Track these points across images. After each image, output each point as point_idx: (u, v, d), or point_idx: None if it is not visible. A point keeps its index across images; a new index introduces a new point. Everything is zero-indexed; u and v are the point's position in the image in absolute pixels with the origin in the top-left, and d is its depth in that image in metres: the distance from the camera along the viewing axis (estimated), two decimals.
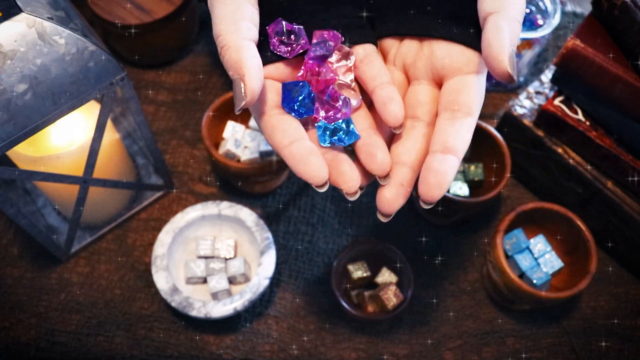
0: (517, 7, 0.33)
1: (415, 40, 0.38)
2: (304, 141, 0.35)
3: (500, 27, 0.32)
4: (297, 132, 0.35)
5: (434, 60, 0.36)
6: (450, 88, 0.36)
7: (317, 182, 0.33)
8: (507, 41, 0.32)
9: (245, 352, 0.59)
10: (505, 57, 0.31)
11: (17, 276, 0.62)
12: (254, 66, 0.34)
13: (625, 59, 0.53)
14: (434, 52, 0.37)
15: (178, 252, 0.61)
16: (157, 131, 0.71)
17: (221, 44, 0.34)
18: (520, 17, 0.33)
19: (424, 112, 0.37)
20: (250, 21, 0.35)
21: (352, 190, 0.34)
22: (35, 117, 0.45)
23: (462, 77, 0.35)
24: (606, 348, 0.59)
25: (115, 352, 0.59)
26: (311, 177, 0.33)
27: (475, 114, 0.34)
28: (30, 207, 0.65)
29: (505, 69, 0.31)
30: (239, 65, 0.33)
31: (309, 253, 0.64)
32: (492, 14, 0.33)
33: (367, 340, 0.60)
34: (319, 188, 0.33)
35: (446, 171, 0.33)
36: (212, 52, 0.77)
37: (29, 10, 0.43)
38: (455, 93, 0.35)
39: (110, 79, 0.48)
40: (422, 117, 0.37)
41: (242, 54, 0.33)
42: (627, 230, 0.60)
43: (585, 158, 0.60)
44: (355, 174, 0.35)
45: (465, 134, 0.34)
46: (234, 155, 0.62)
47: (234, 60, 0.34)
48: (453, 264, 0.64)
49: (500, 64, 0.31)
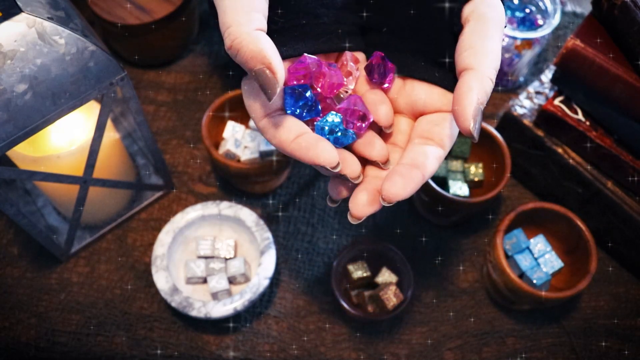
0: (491, 65, 0.35)
1: (399, 78, 0.40)
2: (309, 134, 0.35)
3: (471, 87, 0.34)
4: (301, 128, 0.35)
5: (415, 99, 0.39)
6: (426, 120, 0.38)
7: (332, 163, 0.34)
8: (474, 102, 0.33)
9: (245, 352, 0.59)
10: (469, 117, 0.33)
11: (17, 276, 0.62)
12: (276, 54, 0.33)
13: (625, 59, 0.53)
14: (415, 91, 0.39)
15: (178, 252, 0.61)
16: (157, 131, 0.71)
17: (233, 36, 0.33)
18: (493, 74, 0.35)
19: (402, 140, 0.39)
20: (261, 13, 0.34)
21: (356, 174, 0.36)
22: (35, 117, 0.45)
23: (439, 114, 0.38)
24: (606, 348, 0.59)
25: (115, 352, 0.59)
26: (325, 159, 0.34)
27: (446, 148, 0.37)
28: (30, 207, 0.65)
29: (468, 127, 0.33)
30: (262, 55, 0.32)
31: (309, 253, 0.64)
32: (466, 70, 0.35)
33: (367, 340, 0.60)
34: (333, 169, 0.34)
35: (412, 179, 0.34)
36: (212, 52, 0.77)
37: (29, 10, 0.43)
38: (431, 125, 0.37)
39: (110, 79, 0.48)
40: (401, 144, 0.39)
41: (262, 45, 0.32)
42: (627, 230, 0.60)
43: (585, 158, 0.60)
44: (355, 160, 0.36)
45: (434, 160, 0.36)
46: (234, 155, 0.62)
47: (255, 52, 0.32)
48: (453, 264, 0.64)
49: (464, 122, 0.33)
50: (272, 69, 0.32)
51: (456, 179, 0.63)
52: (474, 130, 0.33)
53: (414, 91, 0.39)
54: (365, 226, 0.66)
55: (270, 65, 0.32)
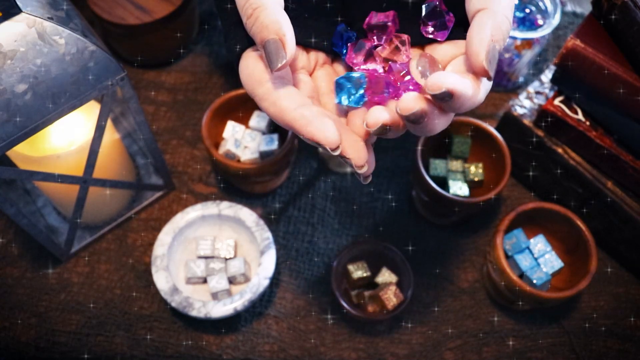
0: (505, 3, 0.32)
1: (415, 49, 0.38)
2: (312, 105, 0.33)
3: (484, 22, 0.32)
4: (303, 98, 0.34)
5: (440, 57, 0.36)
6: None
7: (331, 143, 0.31)
8: (488, 36, 0.31)
9: (245, 352, 0.59)
10: (483, 52, 0.31)
11: (17, 276, 0.62)
12: (290, 29, 0.33)
13: (625, 59, 0.53)
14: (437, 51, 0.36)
15: (178, 252, 0.61)
16: (157, 131, 0.71)
17: (255, 5, 0.33)
18: (509, 12, 0.33)
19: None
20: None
21: (362, 161, 0.33)
22: (35, 117, 0.45)
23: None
24: (606, 348, 0.59)
25: (115, 352, 0.59)
26: (325, 137, 0.31)
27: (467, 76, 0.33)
28: (30, 207, 0.65)
29: (481, 63, 0.31)
30: (279, 25, 0.32)
31: (309, 253, 0.64)
32: (479, 11, 0.33)
33: (367, 340, 0.60)
34: (333, 151, 0.32)
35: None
36: (212, 52, 0.77)
37: (29, 10, 0.43)
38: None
39: (110, 79, 0.48)
40: None
41: (279, 17, 0.33)
42: (627, 230, 0.60)
43: (585, 158, 0.60)
44: (362, 145, 0.33)
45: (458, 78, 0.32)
46: (234, 155, 0.62)
47: (272, 21, 0.32)
48: (453, 264, 0.64)
49: (477, 57, 0.31)
50: (284, 40, 0.32)
51: (456, 179, 0.63)
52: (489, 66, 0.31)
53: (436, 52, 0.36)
54: (365, 226, 0.66)
55: (284, 37, 0.32)
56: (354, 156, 0.32)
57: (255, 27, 0.33)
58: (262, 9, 0.33)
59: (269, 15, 0.32)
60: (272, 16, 0.32)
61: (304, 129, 0.32)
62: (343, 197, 0.67)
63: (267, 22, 0.32)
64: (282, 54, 0.32)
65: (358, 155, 0.32)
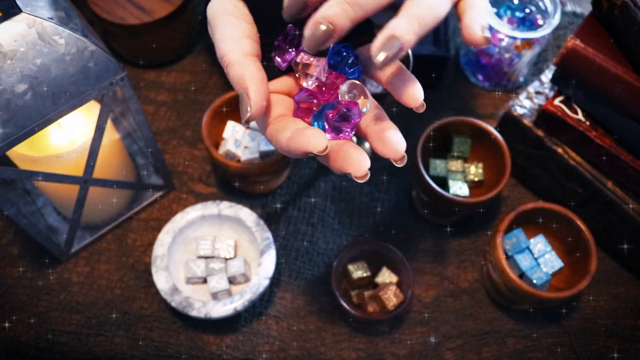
0: None
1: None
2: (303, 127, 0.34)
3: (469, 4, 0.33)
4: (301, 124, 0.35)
5: None
6: None
7: (318, 147, 0.31)
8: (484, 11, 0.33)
9: (245, 352, 0.59)
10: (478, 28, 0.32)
11: (17, 276, 0.62)
12: (257, 79, 0.34)
13: (625, 59, 0.53)
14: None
15: (178, 252, 0.61)
16: (157, 131, 0.71)
17: (225, 63, 0.35)
18: None
19: None
20: (250, 38, 0.36)
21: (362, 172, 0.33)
22: (35, 117, 0.45)
23: None
24: (606, 348, 0.59)
25: (115, 352, 0.59)
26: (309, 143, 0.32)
27: None
28: (30, 207, 0.65)
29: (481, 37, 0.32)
30: (243, 79, 0.34)
31: (309, 253, 0.64)
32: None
33: (367, 340, 0.60)
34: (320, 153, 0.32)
35: None
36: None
37: (29, 10, 0.43)
38: None
39: (110, 79, 0.48)
40: None
41: (245, 69, 0.34)
42: (627, 230, 0.60)
43: (585, 158, 0.60)
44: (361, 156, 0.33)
45: None
46: (234, 155, 0.62)
47: (238, 75, 0.34)
48: (453, 264, 0.64)
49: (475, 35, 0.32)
50: (248, 93, 0.34)
51: (456, 179, 0.63)
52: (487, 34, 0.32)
53: None
54: (365, 226, 0.66)
55: (248, 90, 0.34)
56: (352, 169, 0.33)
57: (231, 82, 0.35)
58: (231, 65, 0.35)
59: (237, 70, 0.35)
60: (239, 71, 0.34)
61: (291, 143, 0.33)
62: (343, 197, 0.67)
63: (234, 79, 0.35)
64: (245, 106, 0.34)
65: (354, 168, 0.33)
